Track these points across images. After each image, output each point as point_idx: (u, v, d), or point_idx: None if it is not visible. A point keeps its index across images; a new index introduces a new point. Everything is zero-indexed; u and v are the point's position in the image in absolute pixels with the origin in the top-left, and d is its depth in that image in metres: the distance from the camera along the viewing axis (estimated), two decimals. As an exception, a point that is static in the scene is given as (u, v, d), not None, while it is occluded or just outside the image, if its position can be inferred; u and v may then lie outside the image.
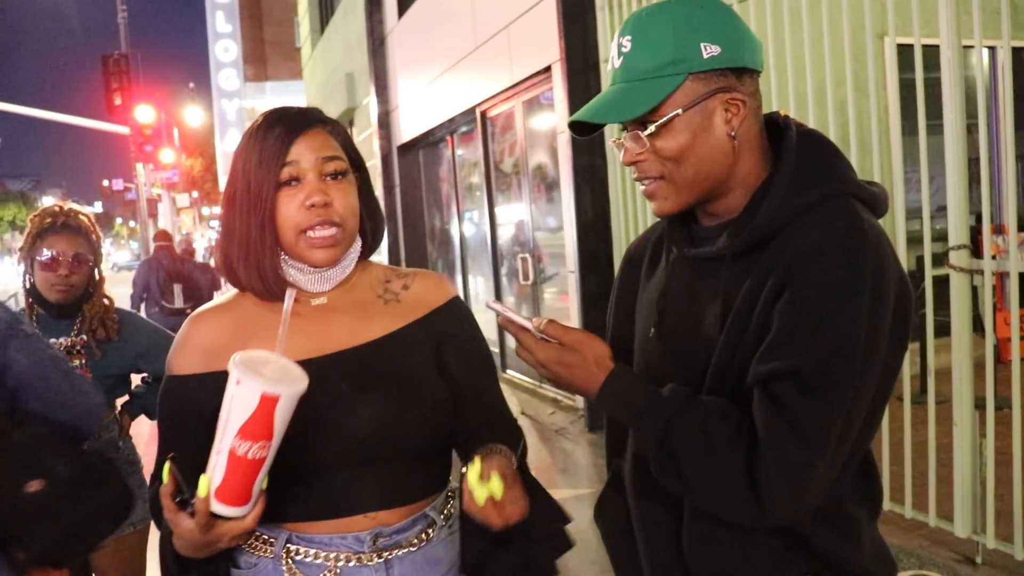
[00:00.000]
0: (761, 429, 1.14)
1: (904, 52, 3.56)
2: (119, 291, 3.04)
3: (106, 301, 2.64)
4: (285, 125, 1.38)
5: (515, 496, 1.31)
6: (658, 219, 1.48)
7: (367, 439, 1.37)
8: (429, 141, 10.49)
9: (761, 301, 1.19)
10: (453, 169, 9.81)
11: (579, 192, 5.98)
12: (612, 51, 1.30)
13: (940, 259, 3.43)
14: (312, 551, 1.38)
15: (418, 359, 1.45)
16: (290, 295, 1.32)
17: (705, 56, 1.22)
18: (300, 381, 1.23)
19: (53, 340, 2.53)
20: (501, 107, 8.02)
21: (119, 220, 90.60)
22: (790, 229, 1.21)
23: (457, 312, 1.54)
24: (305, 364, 1.32)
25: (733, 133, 1.25)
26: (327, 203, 1.36)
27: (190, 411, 1.38)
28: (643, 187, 1.31)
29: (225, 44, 31.93)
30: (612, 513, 1.51)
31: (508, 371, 8.14)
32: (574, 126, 1.33)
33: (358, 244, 1.47)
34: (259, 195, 1.36)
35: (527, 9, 6.79)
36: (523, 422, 6.40)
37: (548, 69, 6.47)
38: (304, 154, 1.37)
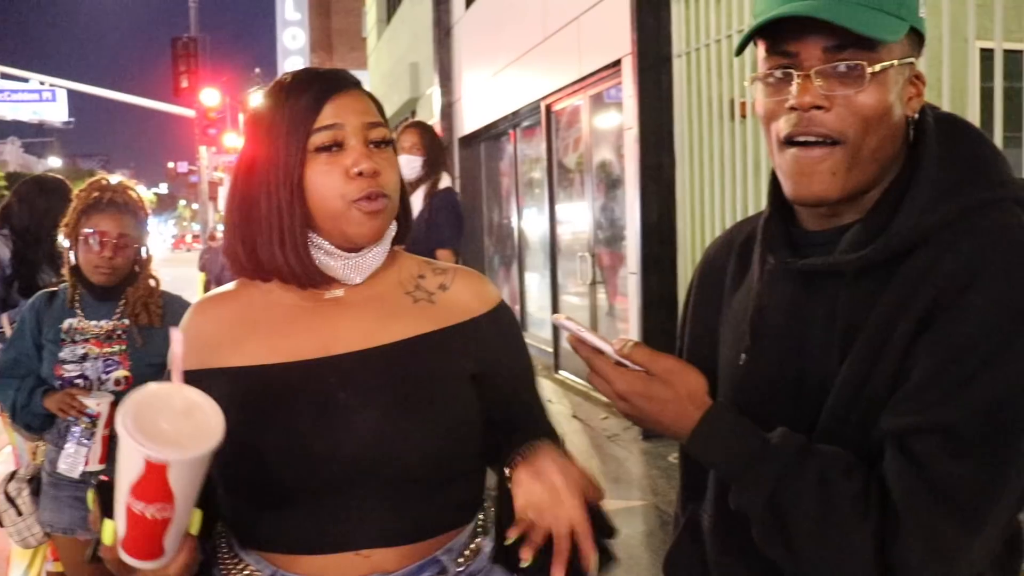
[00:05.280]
0: (899, 496, 0.92)
1: (985, 57, 3.31)
2: (176, 272, 2.94)
3: (151, 283, 2.50)
4: (320, 84, 1.19)
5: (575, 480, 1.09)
6: (740, 220, 1.25)
7: (360, 459, 1.15)
8: (491, 134, 10.36)
9: (899, 332, 0.96)
10: (515, 163, 9.65)
11: (645, 192, 5.78)
12: None
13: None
14: None
15: (444, 370, 1.21)
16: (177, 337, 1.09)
17: (920, 15, 1.01)
18: (208, 438, 0.98)
19: (95, 323, 2.43)
20: (567, 101, 7.85)
21: (183, 202, 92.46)
22: (936, 241, 0.97)
23: (502, 322, 1.30)
24: (300, 366, 1.16)
25: (912, 117, 1.03)
26: (376, 171, 1.16)
27: None
28: (801, 151, 1.01)
29: (293, 32, 32.13)
30: (687, 570, 1.26)
31: (561, 371, 7.98)
32: (764, 28, 1.01)
33: (393, 227, 1.26)
34: (287, 163, 1.15)
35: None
36: (574, 426, 6.28)
37: (618, 63, 6.28)
38: (347, 117, 1.17)
